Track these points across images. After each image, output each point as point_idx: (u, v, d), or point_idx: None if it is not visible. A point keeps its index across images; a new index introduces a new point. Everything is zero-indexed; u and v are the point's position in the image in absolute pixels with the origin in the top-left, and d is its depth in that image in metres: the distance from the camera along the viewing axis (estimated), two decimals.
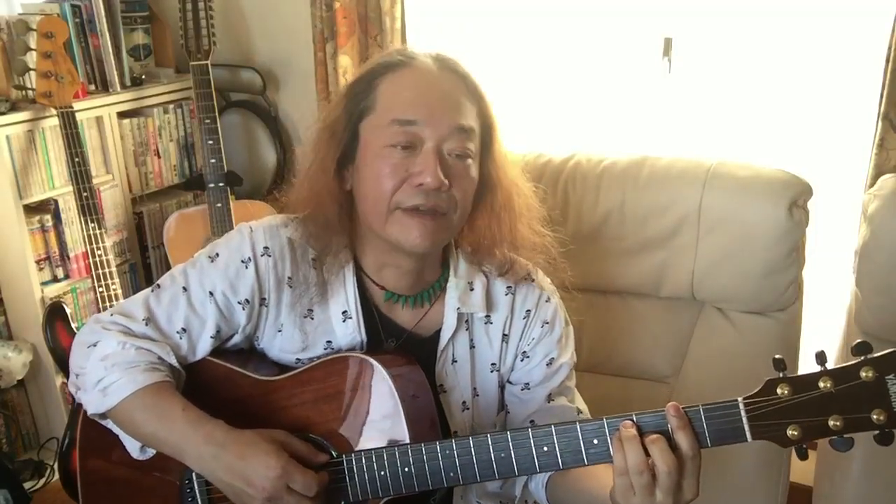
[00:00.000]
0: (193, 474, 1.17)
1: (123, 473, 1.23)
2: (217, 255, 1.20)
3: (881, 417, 0.90)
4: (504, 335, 1.26)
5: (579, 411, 1.28)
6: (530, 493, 1.28)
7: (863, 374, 0.90)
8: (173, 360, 1.16)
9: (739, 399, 0.94)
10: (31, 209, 2.35)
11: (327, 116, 1.18)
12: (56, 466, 2.22)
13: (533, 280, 1.28)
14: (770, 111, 2.14)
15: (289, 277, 1.20)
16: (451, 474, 1.06)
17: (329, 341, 1.21)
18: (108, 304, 2.24)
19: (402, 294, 1.23)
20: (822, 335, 1.89)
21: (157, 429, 1.11)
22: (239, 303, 1.19)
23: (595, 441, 1.00)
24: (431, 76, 1.13)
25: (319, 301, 1.20)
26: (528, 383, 1.27)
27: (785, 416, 0.93)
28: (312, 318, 1.21)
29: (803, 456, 0.95)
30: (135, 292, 2.63)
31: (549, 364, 1.27)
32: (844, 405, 0.91)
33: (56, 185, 2.37)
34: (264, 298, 1.20)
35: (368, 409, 1.12)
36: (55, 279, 2.42)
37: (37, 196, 2.33)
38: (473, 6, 2.45)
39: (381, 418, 1.11)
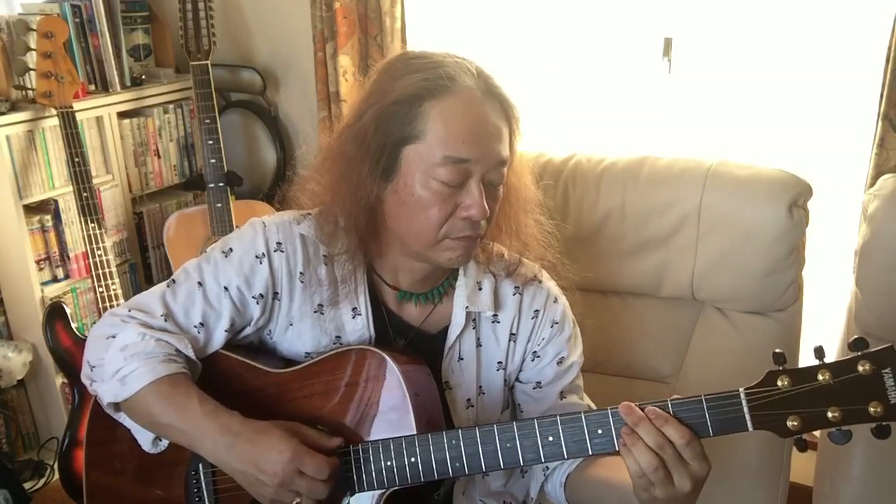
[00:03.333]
0: (200, 465, 1.19)
1: (129, 466, 1.25)
2: (231, 249, 1.21)
3: (878, 410, 0.93)
4: (512, 334, 1.28)
5: (590, 408, 1.30)
6: (547, 495, 1.29)
7: (860, 367, 0.93)
8: (191, 353, 1.18)
9: (741, 389, 0.97)
10: (31, 209, 2.35)
11: (356, 130, 1.14)
12: (56, 466, 2.22)
13: (540, 281, 1.30)
14: (770, 111, 2.15)
15: (300, 273, 1.21)
16: (457, 465, 1.08)
17: (338, 337, 1.23)
18: (108, 304, 2.24)
19: (414, 292, 1.25)
20: (823, 335, 1.89)
21: (174, 419, 1.12)
22: (253, 297, 1.21)
23: (599, 431, 1.03)
24: (478, 105, 1.11)
25: (330, 297, 1.21)
26: (539, 382, 1.29)
27: (785, 406, 0.96)
28: (323, 314, 1.22)
29: (802, 448, 0.97)
30: (135, 292, 2.64)
31: (560, 363, 1.29)
32: (842, 397, 0.94)
33: (56, 185, 2.37)
34: (277, 293, 1.22)
35: (376, 400, 1.14)
36: (55, 279, 2.43)
37: (37, 196, 2.34)
38: (473, 6, 2.45)
39: (388, 410, 1.13)
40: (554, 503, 1.29)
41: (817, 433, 1.76)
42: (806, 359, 1.57)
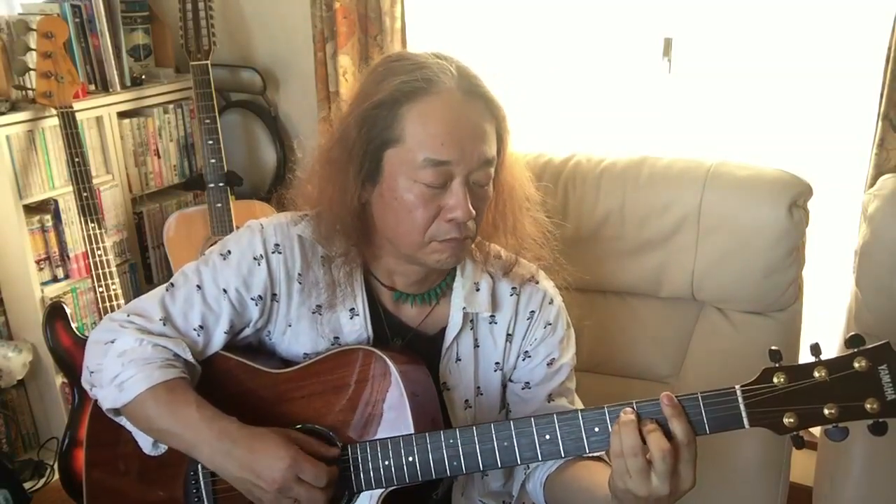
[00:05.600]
0: (199, 465, 1.19)
1: (129, 466, 1.25)
2: (229, 252, 1.21)
3: (874, 406, 0.93)
4: (508, 335, 1.28)
5: None
6: (528, 494, 1.29)
7: (856, 364, 0.93)
8: (189, 356, 1.18)
9: (737, 387, 0.97)
10: (31, 209, 2.35)
11: (341, 134, 1.16)
12: (56, 466, 2.22)
13: (537, 282, 1.30)
14: (770, 111, 2.14)
15: (299, 274, 1.22)
16: (455, 463, 1.08)
17: (336, 337, 1.23)
18: (108, 304, 2.24)
19: (410, 293, 1.25)
20: (823, 335, 1.88)
21: (171, 425, 1.12)
22: (252, 299, 1.21)
23: (596, 429, 1.03)
24: (458, 107, 1.10)
25: (328, 299, 1.21)
26: (528, 382, 1.29)
27: (781, 403, 0.96)
28: (321, 314, 1.23)
29: (799, 445, 0.97)
30: (135, 292, 2.64)
31: (550, 364, 1.28)
32: (839, 394, 0.94)
33: (56, 185, 2.37)
34: (275, 294, 1.22)
35: (375, 400, 1.14)
36: (55, 279, 2.43)
37: (37, 196, 2.34)
38: (473, 6, 2.45)
39: (386, 410, 1.13)
40: (534, 500, 1.29)
41: (816, 432, 1.77)
42: (805, 359, 1.57)
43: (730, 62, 2.16)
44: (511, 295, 1.28)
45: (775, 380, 0.95)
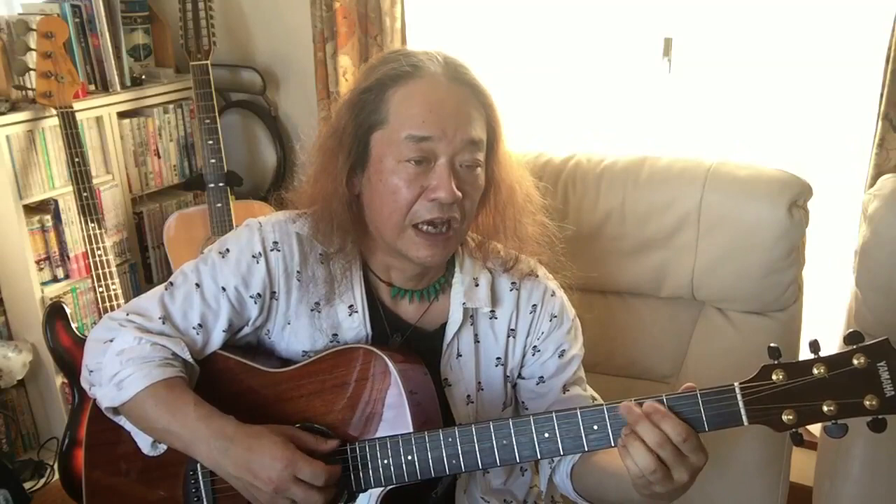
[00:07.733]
0: (198, 465, 1.20)
1: (128, 466, 1.25)
2: (227, 250, 1.22)
3: (873, 403, 0.93)
4: (511, 330, 1.28)
5: (594, 399, 1.31)
6: (556, 487, 1.30)
7: (855, 361, 0.94)
8: (188, 356, 1.18)
9: (736, 384, 0.97)
10: (31, 209, 2.35)
11: (333, 123, 1.19)
12: (56, 466, 2.22)
13: (537, 276, 1.30)
14: (770, 111, 2.14)
15: (297, 272, 1.22)
16: (454, 462, 1.09)
17: (335, 334, 1.23)
18: (108, 304, 2.24)
19: (409, 289, 1.25)
20: (823, 335, 1.88)
21: (169, 423, 1.13)
22: (251, 297, 1.21)
23: (595, 427, 1.03)
24: (441, 89, 1.13)
25: (327, 295, 1.22)
26: (542, 376, 1.29)
27: (780, 400, 0.96)
28: (320, 312, 1.23)
29: (798, 441, 0.97)
30: (135, 292, 2.63)
31: (561, 356, 1.29)
32: (838, 391, 0.94)
33: (56, 185, 2.37)
34: (274, 292, 1.22)
35: (374, 399, 1.14)
36: (55, 279, 2.43)
37: (37, 196, 2.33)
38: (473, 6, 2.45)
39: (385, 409, 1.13)
40: (563, 493, 1.30)
41: (815, 431, 1.77)
42: (805, 357, 1.57)
43: (730, 62, 2.16)
44: (511, 290, 1.28)
45: (774, 377, 0.96)
